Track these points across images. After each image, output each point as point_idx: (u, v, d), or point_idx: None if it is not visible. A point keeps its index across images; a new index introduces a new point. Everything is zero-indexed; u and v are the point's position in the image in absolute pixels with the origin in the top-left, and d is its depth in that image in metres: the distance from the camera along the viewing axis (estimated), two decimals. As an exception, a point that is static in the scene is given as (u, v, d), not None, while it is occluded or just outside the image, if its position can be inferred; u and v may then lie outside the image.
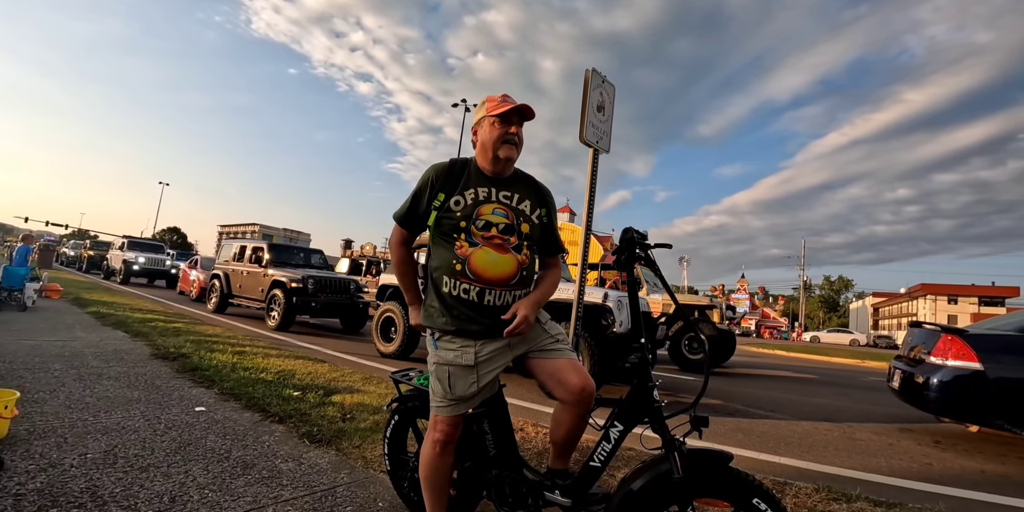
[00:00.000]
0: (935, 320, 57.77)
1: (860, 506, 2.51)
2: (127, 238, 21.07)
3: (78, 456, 2.41)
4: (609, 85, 2.99)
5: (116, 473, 2.27)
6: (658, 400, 1.53)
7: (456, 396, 1.65)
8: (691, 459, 1.43)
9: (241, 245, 11.34)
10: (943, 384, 4.20)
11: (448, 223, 1.68)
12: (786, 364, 13.27)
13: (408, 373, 2.28)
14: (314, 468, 2.58)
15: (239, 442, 2.84)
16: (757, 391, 7.09)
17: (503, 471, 1.81)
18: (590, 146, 2.81)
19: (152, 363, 4.73)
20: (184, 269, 16.46)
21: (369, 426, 3.24)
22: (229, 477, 2.36)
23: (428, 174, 1.76)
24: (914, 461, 3.92)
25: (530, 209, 1.76)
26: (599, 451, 1.61)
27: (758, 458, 3.62)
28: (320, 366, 5.19)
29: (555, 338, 1.76)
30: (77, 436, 2.67)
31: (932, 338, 4.60)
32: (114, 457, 2.44)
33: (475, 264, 1.63)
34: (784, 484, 2.81)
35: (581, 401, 1.67)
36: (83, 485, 2.12)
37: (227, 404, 3.59)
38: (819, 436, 4.54)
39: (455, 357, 1.65)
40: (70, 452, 2.45)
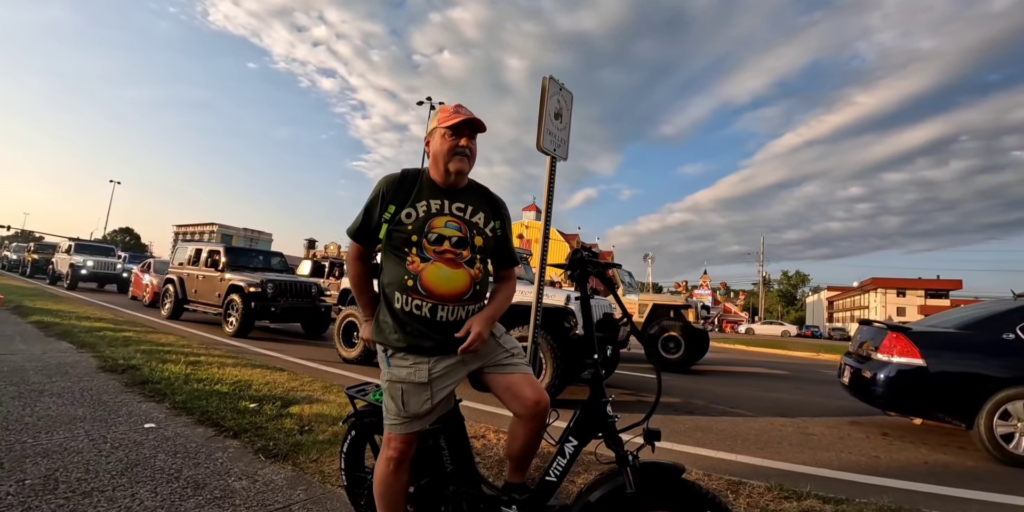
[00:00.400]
0: (885, 312, 60.40)
1: (810, 504, 2.60)
2: (74, 240, 20.14)
3: (15, 483, 2.28)
4: (567, 92, 3.00)
5: (57, 500, 2.16)
6: (611, 415, 1.55)
7: (410, 414, 1.63)
8: (643, 473, 1.45)
9: (196, 248, 10.98)
10: (889, 380, 4.39)
11: (399, 236, 1.65)
12: (746, 359, 13.66)
13: (364, 388, 2.24)
14: (269, 485, 2.51)
15: (190, 460, 2.75)
16: (717, 388, 7.27)
17: (460, 487, 1.80)
18: (547, 154, 2.81)
19: (99, 377, 4.53)
20: (136, 273, 15.83)
21: (327, 438, 3.18)
22: (179, 499, 2.28)
23: (379, 186, 1.73)
24: (863, 454, 4.08)
25: (484, 222, 1.75)
26: (554, 466, 1.61)
27: (715, 456, 3.71)
28: (279, 375, 5.07)
29: (510, 352, 1.76)
30: (14, 460, 2.53)
31: (879, 335, 4.80)
32: (55, 482, 2.33)
33: (427, 280, 1.61)
34: (739, 483, 2.88)
35: (536, 415, 1.68)
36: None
37: (179, 419, 3.47)
38: (774, 432, 4.68)
39: (408, 374, 1.63)
40: (6, 479, 2.31)
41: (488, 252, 1.76)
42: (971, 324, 4.59)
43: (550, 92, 2.79)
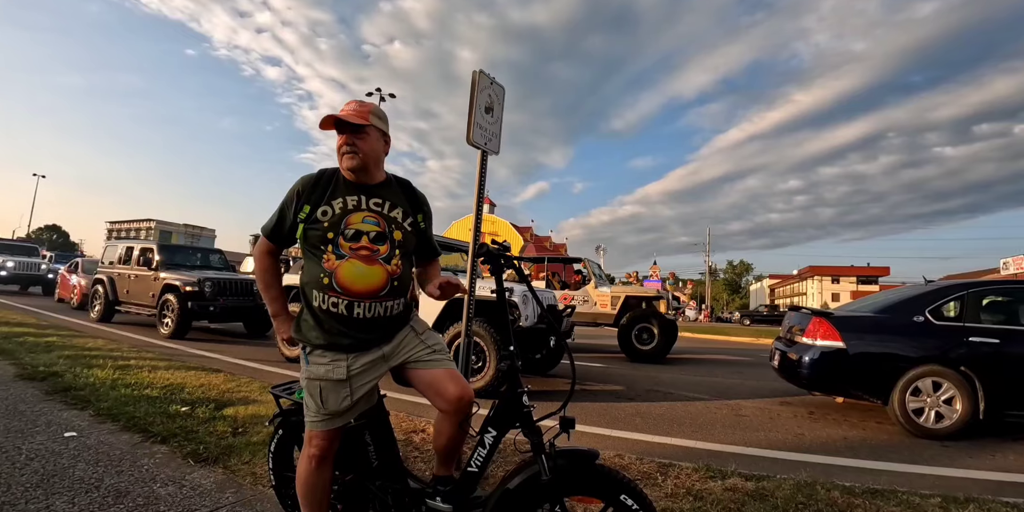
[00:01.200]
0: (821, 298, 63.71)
1: (734, 482, 2.75)
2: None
3: (-91, 501, 2.14)
4: (498, 86, 3.02)
5: (-42, 516, 2.04)
6: (527, 405, 1.58)
7: (329, 411, 1.63)
8: (559, 460, 1.50)
9: (127, 246, 10.42)
10: (812, 361, 4.66)
11: (315, 234, 1.64)
12: (689, 346, 14.14)
13: (290, 387, 2.21)
14: (196, 490, 2.45)
15: (113, 468, 2.64)
16: (659, 374, 7.51)
17: (386, 482, 1.81)
18: (478, 148, 2.82)
19: (16, 385, 4.26)
20: (63, 273, 14.89)
21: (261, 439, 3.11)
22: (98, 508, 2.20)
23: (295, 186, 1.72)
24: (789, 433, 4.33)
25: (402, 216, 1.75)
26: (475, 457, 1.64)
27: (651, 440, 3.85)
28: (215, 377, 4.90)
29: (432, 349, 1.77)
30: (-90, 477, 2.37)
31: (805, 320, 5.08)
32: (-43, 498, 2.19)
33: (342, 277, 1.61)
34: (668, 466, 3.01)
35: (459, 410, 1.70)
36: (-87, 535, 1.89)
37: (103, 427, 3.31)
38: (709, 415, 4.89)
39: (327, 372, 1.62)
40: (-101, 497, 2.17)
41: (409, 247, 1.76)
42: (887, 308, 4.91)
43: (480, 86, 2.79)
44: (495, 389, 4.85)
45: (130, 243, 10.50)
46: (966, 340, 4.38)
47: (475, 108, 2.74)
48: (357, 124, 1.64)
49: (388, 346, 1.71)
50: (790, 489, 2.70)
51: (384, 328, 1.70)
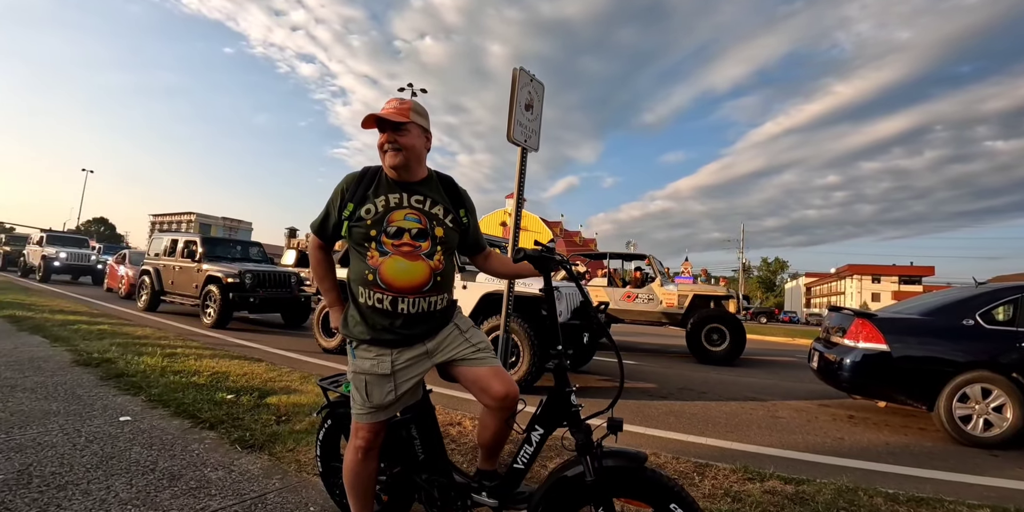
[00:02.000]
0: (860, 298, 61.77)
1: (772, 484, 2.71)
2: (46, 231, 19.67)
3: (-14, 478, 2.29)
4: (538, 83, 3.02)
5: (31, 494, 2.17)
6: (575, 404, 1.59)
7: (374, 404, 1.68)
8: (606, 461, 1.49)
9: (173, 238, 10.81)
10: (854, 364, 4.54)
11: (359, 232, 1.69)
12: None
13: (337, 379, 2.28)
14: (245, 475, 2.55)
15: (166, 452, 2.77)
16: (692, 373, 7.43)
17: (432, 475, 1.85)
18: (518, 145, 2.84)
19: (73, 371, 4.49)
20: (111, 264, 15.54)
21: (304, 428, 3.21)
22: (154, 490, 2.30)
23: (340, 185, 1.77)
24: (828, 436, 4.23)
25: (443, 213, 1.77)
26: (522, 454, 1.67)
27: (685, 440, 3.83)
28: (257, 366, 5.07)
29: (476, 347, 1.80)
30: (-15, 456, 2.53)
31: (846, 321, 4.95)
32: (28, 476, 2.33)
33: (385, 273, 1.65)
34: (705, 466, 2.99)
35: (504, 407, 1.73)
36: (-9, 509, 2.02)
37: (155, 412, 3.47)
38: (744, 415, 4.82)
39: (371, 366, 1.67)
40: (-23, 474, 2.32)
41: (451, 243, 1.80)
42: (934, 310, 4.75)
43: (520, 83, 2.80)
44: (528, 384, 4.88)
45: (175, 236, 10.89)
46: (1019, 345, 4.20)
47: (515, 105, 2.75)
48: (398, 122, 1.67)
49: (432, 342, 1.75)
50: (831, 494, 2.65)
51: (428, 324, 1.73)
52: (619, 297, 10.02)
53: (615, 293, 10.10)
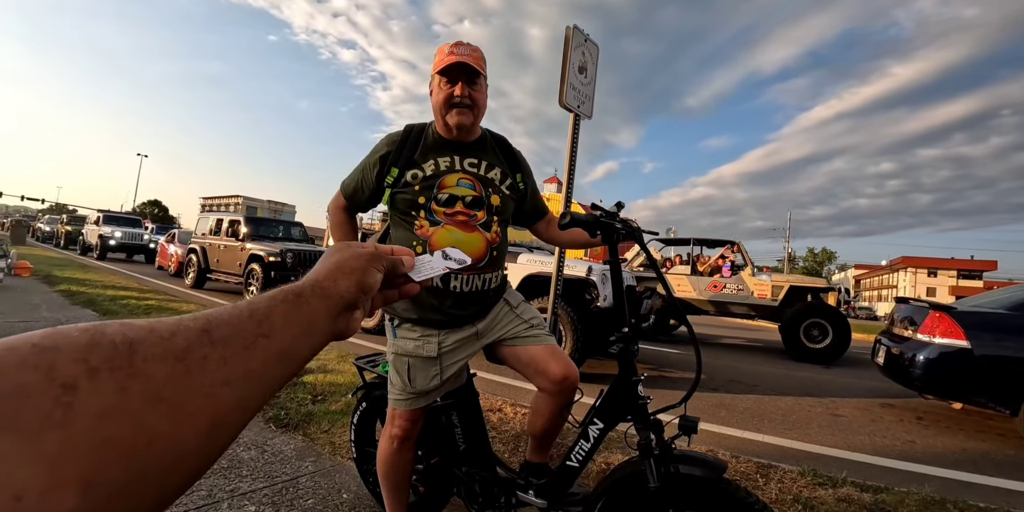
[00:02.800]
0: (915, 292, 58.94)
1: (847, 492, 2.44)
2: (103, 212, 20.49)
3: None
4: (592, 44, 2.75)
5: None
6: (643, 396, 1.36)
7: (416, 389, 1.49)
8: (676, 467, 1.26)
9: (218, 218, 11.01)
10: (929, 361, 4.14)
11: (404, 199, 1.47)
12: (768, 337, 13.37)
13: (374, 359, 2.13)
14: (278, 456, 2.44)
15: (200, 429, 2.69)
16: (740, 365, 7.08)
17: (473, 468, 1.67)
18: (571, 111, 2.58)
19: (117, 343, 4.53)
20: (162, 243, 16.05)
21: (340, 408, 3.11)
22: (185, 468, 2.22)
23: (380, 148, 1.53)
24: (897, 438, 3.89)
25: (500, 177, 1.56)
26: (577, 450, 1.45)
27: (742, 436, 3.56)
28: (295, 344, 5.03)
29: (529, 324, 1.59)
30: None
31: (919, 314, 4.53)
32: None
33: (437, 245, 1.44)
34: (768, 467, 2.73)
35: (563, 390, 1.52)
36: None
37: (192, 387, 3.43)
38: (802, 412, 4.50)
39: (416, 348, 1.48)
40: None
41: (507, 213, 1.58)
42: (1021, 305, 4.29)
43: (574, 43, 2.54)
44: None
45: (220, 215, 11.09)
46: None
47: (568, 67, 2.50)
48: (477, 72, 1.43)
49: (482, 323, 1.55)
50: (916, 505, 2.36)
51: (481, 304, 1.53)
52: (704, 287, 9.18)
53: (699, 282, 9.24)
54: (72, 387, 0.23)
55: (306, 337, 0.38)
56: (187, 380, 0.28)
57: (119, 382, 0.25)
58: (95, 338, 0.26)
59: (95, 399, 0.24)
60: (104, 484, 0.23)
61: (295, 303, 0.39)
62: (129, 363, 0.26)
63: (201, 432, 0.29)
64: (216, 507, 1.93)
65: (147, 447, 0.25)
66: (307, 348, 0.38)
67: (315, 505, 2.02)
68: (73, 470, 0.22)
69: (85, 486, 0.23)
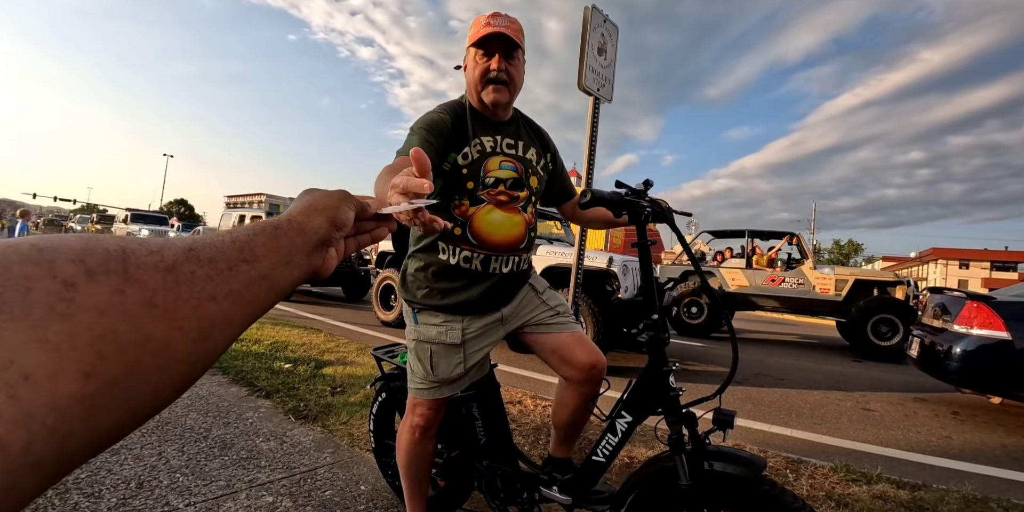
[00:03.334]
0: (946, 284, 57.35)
1: (882, 488, 2.33)
2: (130, 211, 20.97)
3: (43, 438, 2.26)
4: (611, 25, 2.65)
5: (82, 456, 2.12)
6: (675, 388, 1.27)
7: (439, 378, 1.43)
8: (710, 464, 1.17)
9: (240, 214, 11.19)
10: (967, 354, 3.98)
11: (452, 182, 1.38)
12: (793, 330, 13.10)
13: (393, 349, 2.09)
14: (296, 447, 2.43)
15: (221, 419, 2.70)
16: (766, 358, 6.92)
17: (494, 462, 1.62)
18: (590, 94, 2.50)
19: (142, 335, 4.59)
20: (187, 239, 16.40)
21: (359, 400, 3.10)
22: (204, 459, 2.22)
23: (441, 121, 1.36)
24: (932, 434, 3.74)
25: (536, 158, 1.50)
26: (603, 445, 1.38)
27: (769, 430, 3.46)
28: (316, 336, 5.05)
29: (555, 310, 1.53)
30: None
31: (955, 305, 4.36)
32: (83, 438, 2.30)
33: (479, 226, 1.38)
34: (799, 462, 2.63)
35: (589, 380, 1.46)
36: (41, 471, 1.97)
37: (213, 378, 3.44)
38: (831, 406, 4.37)
39: (438, 334, 1.42)
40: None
41: (540, 194, 1.53)
42: (1065, 294, 4.09)
43: (593, 24, 2.45)
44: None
45: (242, 212, 11.26)
46: None
47: (587, 49, 2.41)
48: (515, 44, 1.36)
49: (507, 308, 1.49)
50: (956, 503, 2.25)
51: (512, 286, 1.48)
52: (761, 281, 8.71)
53: (756, 276, 8.76)
54: (72, 284, 0.25)
55: (284, 267, 0.40)
56: (177, 290, 0.30)
57: (115, 285, 0.27)
58: (90, 244, 0.27)
59: (94, 297, 0.26)
60: (103, 374, 0.25)
61: (273, 234, 0.40)
62: (124, 269, 0.28)
63: (191, 339, 0.30)
64: (234, 497, 1.92)
65: (141, 345, 0.27)
66: (286, 279, 0.40)
67: (333, 496, 1.99)
68: (76, 358, 0.24)
69: (86, 374, 0.24)
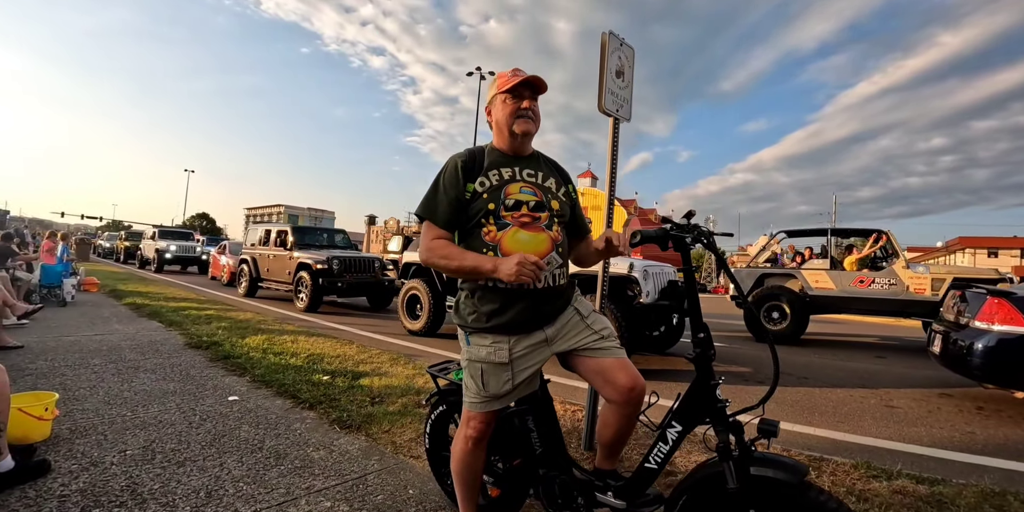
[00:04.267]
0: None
1: (902, 484, 2.44)
2: (158, 227, 21.56)
3: (118, 453, 2.47)
4: (628, 48, 2.81)
5: (154, 469, 2.33)
6: (721, 399, 1.42)
7: (489, 394, 1.61)
8: (756, 469, 1.32)
9: (266, 229, 11.48)
10: (988, 349, 4.03)
11: (475, 208, 1.60)
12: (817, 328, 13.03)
13: (446, 366, 2.25)
14: (345, 455, 2.61)
15: (271, 431, 2.89)
16: (789, 356, 6.96)
17: (551, 470, 1.78)
18: (610, 115, 2.66)
19: (186, 353, 4.84)
20: (214, 255, 16.81)
21: (397, 409, 3.27)
22: (263, 468, 2.40)
23: (454, 168, 1.63)
24: (956, 430, 3.80)
25: (556, 186, 1.72)
26: (655, 452, 1.53)
27: (792, 429, 3.56)
28: (348, 348, 5.26)
29: (600, 334, 1.68)
30: (116, 432, 2.74)
31: (977, 300, 4.40)
32: (152, 452, 2.50)
33: (507, 246, 1.57)
34: (820, 460, 2.74)
35: (630, 401, 1.61)
36: (123, 483, 2.18)
37: (259, 392, 3.65)
38: (854, 404, 4.44)
39: (488, 354, 1.60)
40: (110, 449, 2.51)
41: (565, 217, 1.72)
42: (1087, 287, 4.11)
43: (610, 48, 2.60)
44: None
45: (268, 226, 11.55)
46: None
47: (605, 73, 2.57)
48: (540, 89, 1.66)
49: (551, 328, 1.64)
50: (974, 497, 2.34)
51: (552, 303, 1.64)
52: (848, 283, 8.36)
53: (842, 278, 8.40)
54: None
55: None
56: None
57: None
58: None
59: None
60: None
61: None
62: None
63: None
64: (295, 503, 2.10)
65: None
66: None
67: (384, 500, 2.17)
68: None
69: None
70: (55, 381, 3.63)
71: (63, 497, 2.04)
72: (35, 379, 3.68)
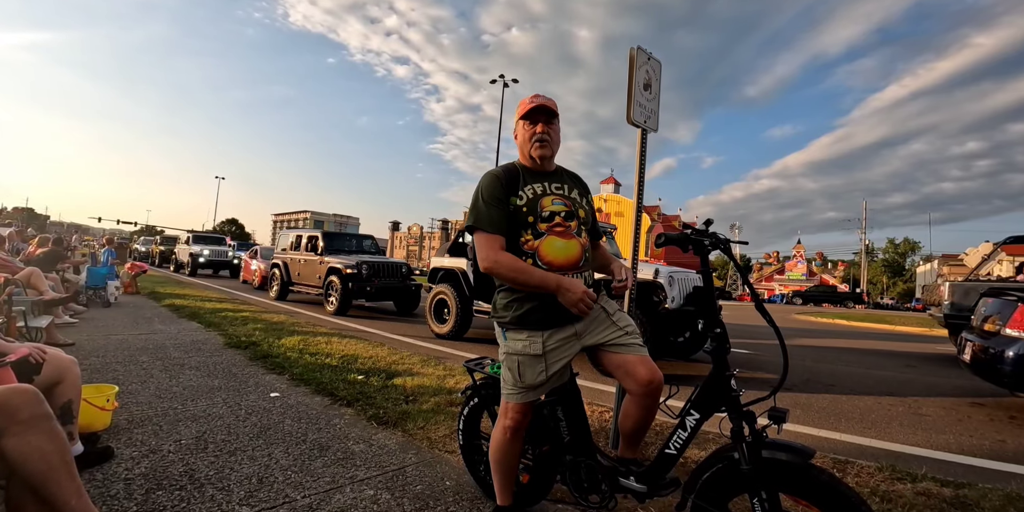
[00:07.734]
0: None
1: (926, 486, 2.48)
2: (191, 233, 22.26)
3: (173, 442, 2.65)
4: (655, 61, 2.92)
5: (208, 457, 2.50)
6: (735, 389, 1.55)
7: (526, 384, 1.75)
8: (766, 452, 1.43)
9: (297, 234, 11.80)
10: (1019, 357, 4.00)
11: (515, 220, 1.77)
12: (847, 335, 12.82)
13: (481, 362, 2.39)
14: (383, 449, 2.75)
15: (313, 425, 3.05)
16: (816, 365, 6.93)
17: (577, 457, 1.90)
18: (638, 127, 2.77)
19: (226, 352, 5.06)
20: (245, 259, 17.30)
21: (430, 408, 3.40)
22: (308, 459, 2.55)
23: (492, 181, 1.79)
24: (986, 437, 3.78)
25: (580, 197, 1.91)
26: (675, 439, 1.66)
27: (817, 435, 3.59)
28: (380, 349, 5.43)
29: (624, 331, 1.82)
30: (170, 424, 2.93)
31: (1008, 308, 4.37)
32: (204, 442, 2.68)
33: (544, 253, 1.75)
34: (845, 462, 2.79)
35: (649, 393, 1.73)
36: (181, 469, 2.35)
37: (298, 389, 3.83)
38: (882, 411, 4.43)
39: (524, 347, 1.74)
40: (166, 439, 2.70)
41: (589, 223, 1.91)
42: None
43: (638, 63, 2.73)
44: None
45: (299, 232, 11.87)
46: None
47: (634, 86, 2.69)
48: (553, 114, 1.82)
49: (580, 324, 1.79)
50: (999, 500, 2.37)
51: None
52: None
53: None
54: None
55: None
56: None
57: None
58: None
59: None
60: None
61: None
62: None
63: None
64: (341, 490, 2.24)
65: None
66: None
67: (423, 490, 2.29)
68: None
69: None
70: (108, 376, 3.86)
71: (128, 480, 2.22)
72: (89, 373, 3.91)
